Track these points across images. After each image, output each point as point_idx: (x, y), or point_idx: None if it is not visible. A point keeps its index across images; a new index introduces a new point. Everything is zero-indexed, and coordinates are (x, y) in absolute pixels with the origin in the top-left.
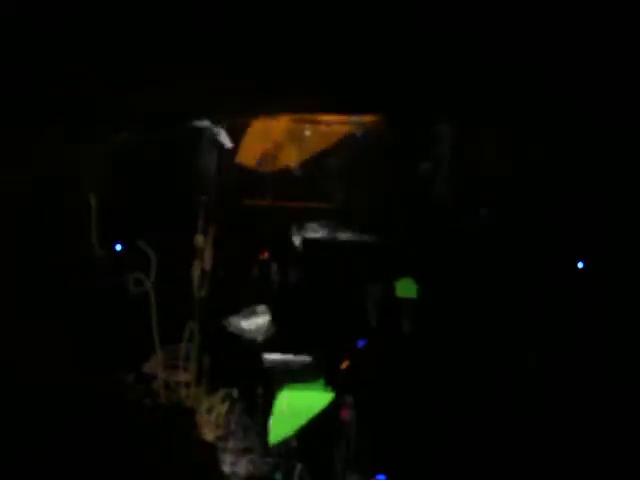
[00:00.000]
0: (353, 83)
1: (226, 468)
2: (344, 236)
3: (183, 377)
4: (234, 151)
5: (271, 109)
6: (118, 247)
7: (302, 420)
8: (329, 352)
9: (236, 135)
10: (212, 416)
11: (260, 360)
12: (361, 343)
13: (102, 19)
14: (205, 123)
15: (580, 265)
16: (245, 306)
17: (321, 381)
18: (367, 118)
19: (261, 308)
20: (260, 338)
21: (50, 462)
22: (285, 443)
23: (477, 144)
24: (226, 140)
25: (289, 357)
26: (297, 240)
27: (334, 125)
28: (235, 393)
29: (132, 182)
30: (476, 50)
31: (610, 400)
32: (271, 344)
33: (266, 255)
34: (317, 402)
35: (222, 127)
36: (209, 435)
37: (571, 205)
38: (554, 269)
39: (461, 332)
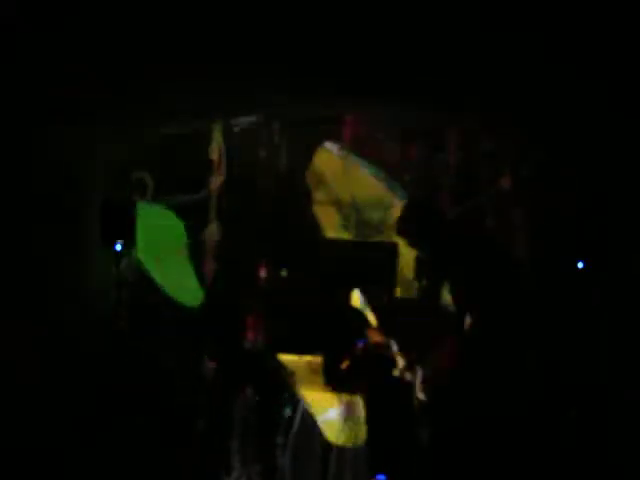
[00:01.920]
0: (354, 83)
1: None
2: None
3: None
4: None
5: (272, 109)
6: (118, 247)
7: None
8: (329, 352)
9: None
10: None
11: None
12: (361, 343)
13: (102, 19)
14: None
15: (580, 265)
16: None
17: None
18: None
19: None
20: None
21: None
22: None
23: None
24: None
25: None
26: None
27: None
28: None
29: None
30: (484, 46)
31: (609, 401)
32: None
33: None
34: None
35: None
36: None
37: (573, 205)
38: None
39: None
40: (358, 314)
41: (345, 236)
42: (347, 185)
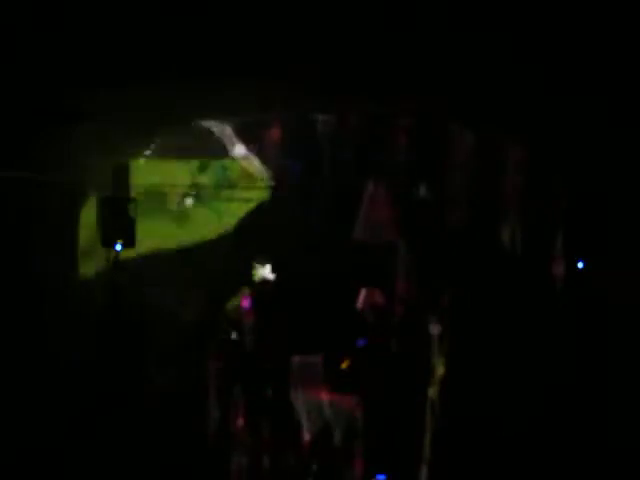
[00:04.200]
0: (353, 83)
1: None
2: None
3: None
4: None
5: (271, 109)
6: (118, 247)
7: None
8: (329, 352)
9: None
10: None
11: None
12: (361, 343)
13: (102, 20)
14: None
15: (580, 265)
16: None
17: None
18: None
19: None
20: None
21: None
22: None
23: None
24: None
25: None
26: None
27: None
28: None
29: None
30: (476, 51)
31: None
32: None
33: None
34: None
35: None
36: None
37: (573, 206)
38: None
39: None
40: (358, 314)
41: None
42: None
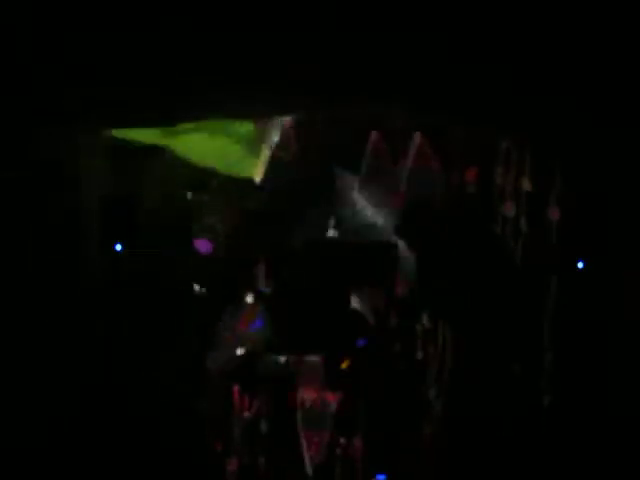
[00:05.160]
0: (350, 83)
1: None
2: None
3: None
4: None
5: (270, 109)
6: (118, 247)
7: None
8: (329, 352)
9: None
10: None
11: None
12: (361, 343)
13: (102, 20)
14: None
15: (580, 265)
16: None
17: None
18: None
19: None
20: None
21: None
22: None
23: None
24: None
25: None
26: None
27: None
28: None
29: None
30: (471, 50)
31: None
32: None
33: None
34: None
35: None
36: None
37: (572, 206)
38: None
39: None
40: (358, 314)
41: None
42: None
